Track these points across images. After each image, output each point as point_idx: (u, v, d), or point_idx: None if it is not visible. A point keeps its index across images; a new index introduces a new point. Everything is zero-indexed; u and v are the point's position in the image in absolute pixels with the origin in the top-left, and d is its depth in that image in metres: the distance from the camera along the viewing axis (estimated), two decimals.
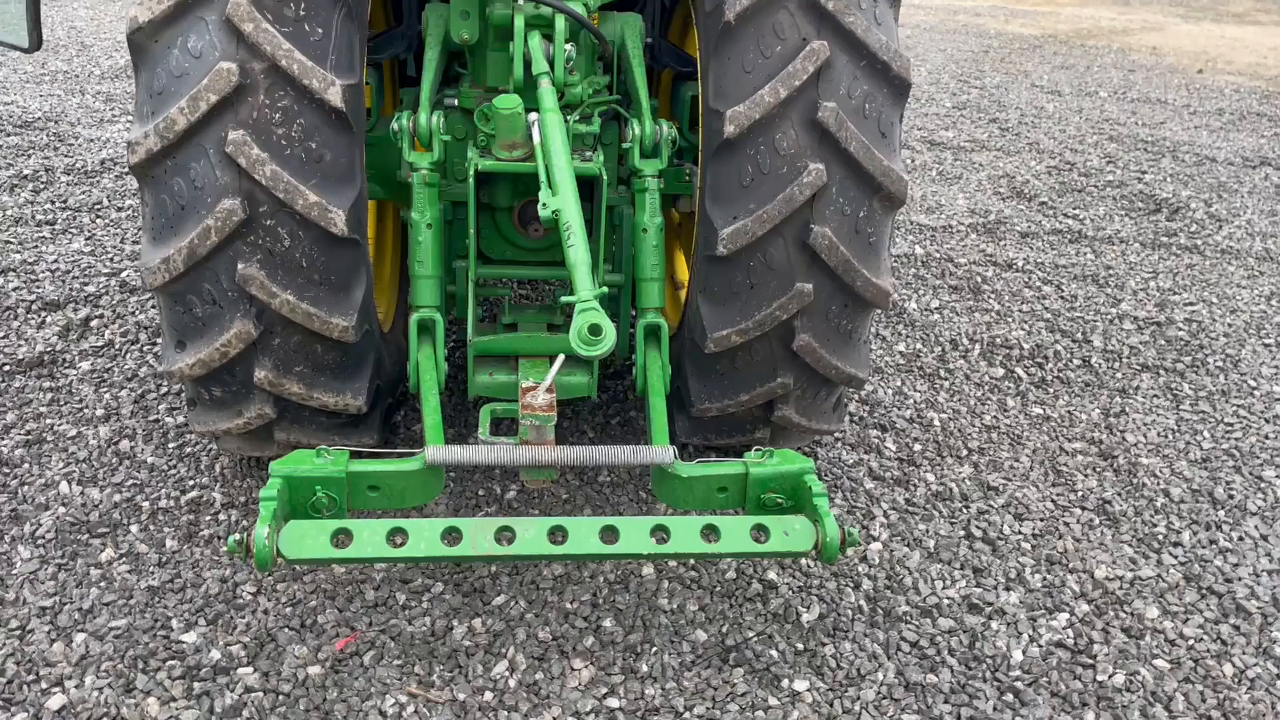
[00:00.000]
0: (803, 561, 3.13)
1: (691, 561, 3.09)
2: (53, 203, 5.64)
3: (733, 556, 2.65)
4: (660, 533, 2.50)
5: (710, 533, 2.52)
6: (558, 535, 2.47)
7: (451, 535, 2.46)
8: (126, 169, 6.15)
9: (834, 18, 2.85)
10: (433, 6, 3.33)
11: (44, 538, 3.05)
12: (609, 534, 2.48)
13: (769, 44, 2.87)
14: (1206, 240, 6.26)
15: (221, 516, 3.18)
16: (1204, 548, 3.36)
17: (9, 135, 6.76)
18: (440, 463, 2.61)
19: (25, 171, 6.05)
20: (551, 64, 3.03)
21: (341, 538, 2.43)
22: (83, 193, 5.81)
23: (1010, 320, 4.96)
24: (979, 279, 5.43)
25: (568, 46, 3.05)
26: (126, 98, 7.97)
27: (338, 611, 2.84)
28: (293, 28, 2.68)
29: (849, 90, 2.87)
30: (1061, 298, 5.28)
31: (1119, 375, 4.50)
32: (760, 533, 2.54)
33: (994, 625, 2.94)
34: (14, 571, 2.91)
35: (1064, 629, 2.95)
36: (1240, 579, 3.21)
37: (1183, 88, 10.90)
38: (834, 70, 2.86)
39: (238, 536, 2.38)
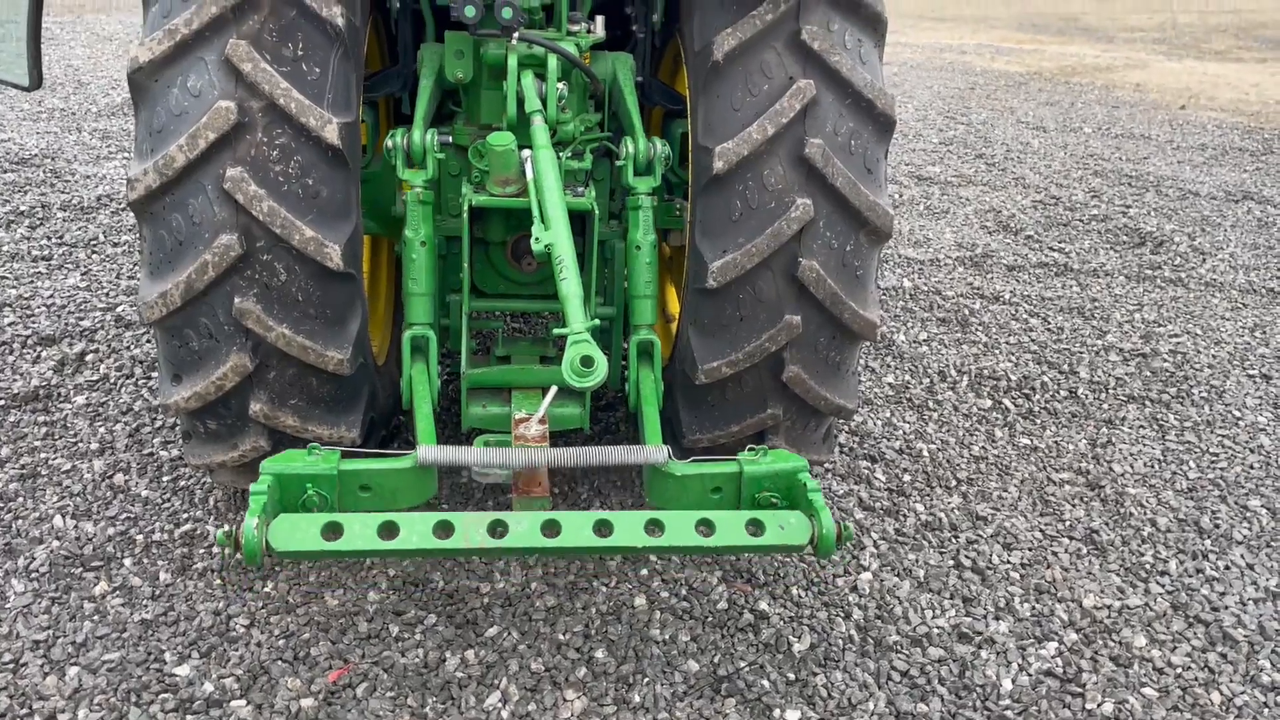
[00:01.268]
0: (794, 591, 3.15)
1: (684, 592, 3.11)
2: (49, 238, 5.68)
3: (728, 551, 2.58)
4: (654, 526, 2.45)
5: (705, 527, 2.48)
6: (551, 529, 2.42)
7: (444, 529, 2.40)
8: (124, 205, 6.21)
9: (820, 57, 2.93)
10: (428, 46, 3.40)
11: (38, 571, 3.06)
12: (603, 527, 2.43)
13: (756, 83, 2.95)
14: (1190, 273, 6.34)
15: (215, 550, 3.19)
16: (1191, 576, 3.39)
17: (6, 172, 6.81)
18: (432, 462, 2.59)
19: (22, 207, 6.09)
20: (544, 102, 3.09)
21: (332, 531, 2.37)
22: (79, 228, 5.85)
23: (998, 352, 5.02)
24: (966, 311, 5.50)
25: (560, 85, 3.12)
26: (123, 135, 8.04)
27: (331, 643, 2.85)
28: (291, 67, 2.74)
29: (835, 127, 2.94)
30: (1048, 330, 5.35)
31: (1105, 406, 4.55)
32: (755, 527, 2.50)
33: (984, 654, 2.96)
34: (7, 605, 2.92)
35: (1053, 658, 2.97)
36: (1227, 607, 3.24)
37: (1166, 123, 11.07)
38: (820, 108, 2.93)
39: (227, 529, 2.33)
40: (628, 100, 3.37)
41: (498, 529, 2.42)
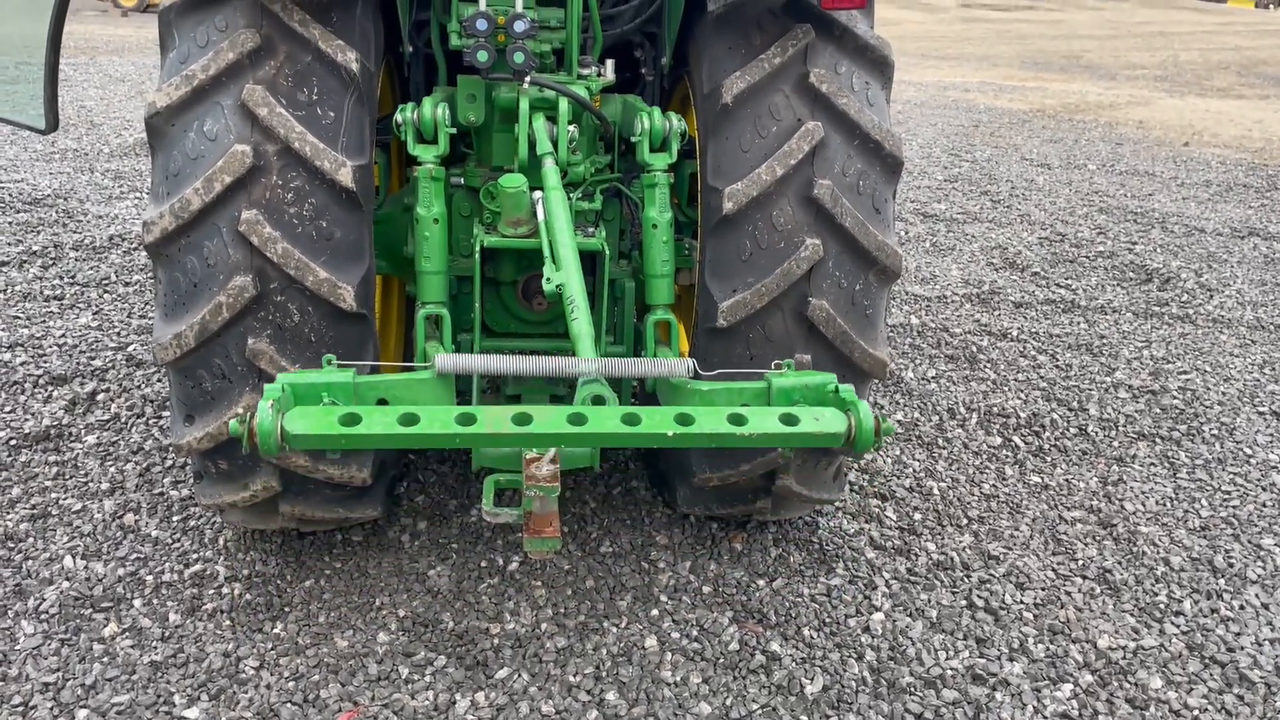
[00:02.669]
0: (805, 631, 3.13)
1: (695, 633, 3.09)
2: (61, 278, 5.72)
3: (761, 442, 2.45)
4: (684, 419, 2.37)
5: (736, 419, 2.39)
6: (578, 419, 2.35)
7: (466, 419, 2.33)
8: (136, 245, 6.26)
9: (828, 99, 2.97)
10: (440, 89, 3.44)
11: (48, 613, 3.05)
12: (631, 419, 2.36)
13: (765, 125, 2.98)
14: (1198, 310, 6.35)
15: (225, 590, 3.19)
16: (1205, 617, 3.36)
17: (19, 212, 6.88)
18: (451, 371, 2.55)
19: (34, 247, 6.14)
20: (555, 144, 3.13)
21: (350, 419, 2.29)
22: (91, 268, 5.90)
23: (1006, 389, 5.01)
24: (974, 348, 5.50)
25: (571, 128, 3.16)
26: (135, 175, 8.12)
27: (340, 686, 2.83)
28: (306, 111, 2.78)
29: (843, 168, 2.97)
30: (1056, 367, 5.34)
31: (1116, 444, 4.54)
32: (789, 420, 2.41)
33: (998, 696, 2.94)
34: (17, 647, 2.91)
35: (1068, 700, 2.94)
36: (1243, 648, 3.21)
37: (1170, 160, 11.12)
38: (828, 149, 2.96)
39: (240, 412, 2.24)
40: (639, 105, 3.39)
41: (523, 420, 2.33)
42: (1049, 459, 4.37)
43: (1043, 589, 3.45)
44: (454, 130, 3.15)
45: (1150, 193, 9.49)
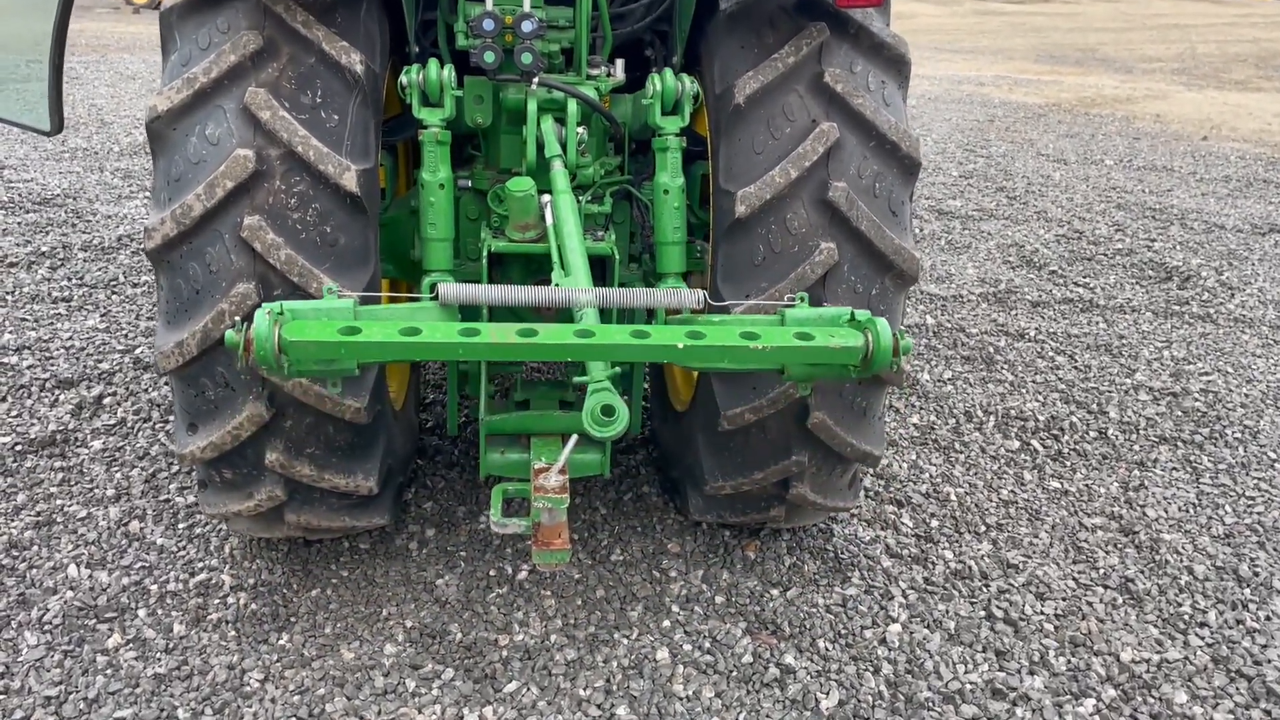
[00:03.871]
0: (820, 643, 3.06)
1: (707, 645, 3.03)
2: (69, 279, 5.69)
3: (773, 359, 2.35)
4: (695, 334, 2.31)
5: (749, 335, 2.32)
6: (584, 334, 2.29)
7: (470, 332, 2.26)
8: (142, 251, 6.23)
9: (843, 99, 2.90)
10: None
11: (51, 623, 3.01)
12: (640, 334, 2.30)
13: (779, 126, 2.91)
14: (1219, 309, 6.24)
15: (230, 600, 3.14)
16: (1231, 628, 3.28)
17: (28, 212, 6.86)
18: (453, 301, 2.51)
19: (43, 248, 6.12)
20: (564, 147, 3.06)
21: (350, 330, 2.22)
22: (99, 269, 5.87)
23: (1024, 391, 4.93)
24: (991, 349, 5.42)
25: (580, 130, 3.09)
26: (145, 174, 8.09)
27: (346, 699, 2.78)
28: (309, 115, 2.73)
29: (859, 170, 2.90)
30: (1075, 368, 5.25)
31: (1137, 447, 4.45)
32: (804, 336, 2.34)
33: (1019, 712, 2.86)
34: (20, 659, 2.87)
35: (1091, 715, 2.87)
36: (1270, 661, 3.13)
37: (1188, 155, 10.98)
38: (844, 151, 2.89)
39: (238, 320, 2.19)
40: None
41: (528, 333, 2.27)
42: (1068, 464, 4.29)
43: (1063, 599, 3.37)
44: (459, 93, 3.07)
45: (1169, 188, 9.36)
